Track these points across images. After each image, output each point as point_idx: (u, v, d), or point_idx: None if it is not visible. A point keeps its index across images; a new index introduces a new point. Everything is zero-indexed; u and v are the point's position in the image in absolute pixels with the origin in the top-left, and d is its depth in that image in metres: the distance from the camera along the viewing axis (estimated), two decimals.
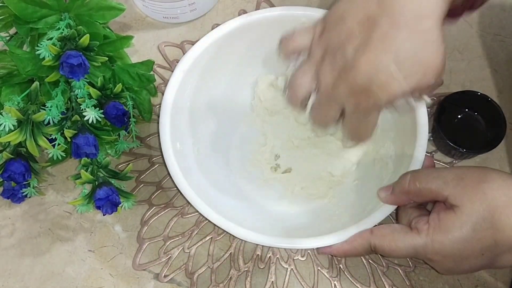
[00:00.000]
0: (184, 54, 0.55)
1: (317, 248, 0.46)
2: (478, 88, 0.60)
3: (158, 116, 0.51)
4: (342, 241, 0.45)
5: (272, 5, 0.66)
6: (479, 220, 0.39)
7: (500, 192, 0.40)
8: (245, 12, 0.66)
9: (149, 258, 0.54)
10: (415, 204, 0.46)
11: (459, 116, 0.60)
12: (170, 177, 0.49)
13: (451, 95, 0.58)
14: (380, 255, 0.43)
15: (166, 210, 0.57)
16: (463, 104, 0.59)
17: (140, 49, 0.64)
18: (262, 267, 0.54)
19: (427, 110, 0.50)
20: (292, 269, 0.54)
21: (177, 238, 0.55)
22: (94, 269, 0.54)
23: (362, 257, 0.53)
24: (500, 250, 0.40)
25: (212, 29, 0.56)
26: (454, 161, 0.58)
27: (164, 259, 0.54)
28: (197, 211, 0.48)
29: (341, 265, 0.54)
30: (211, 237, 0.55)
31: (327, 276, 0.53)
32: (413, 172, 0.45)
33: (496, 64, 0.64)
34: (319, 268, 0.54)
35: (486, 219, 0.39)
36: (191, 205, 0.48)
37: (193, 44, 0.54)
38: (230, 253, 0.55)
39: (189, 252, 0.55)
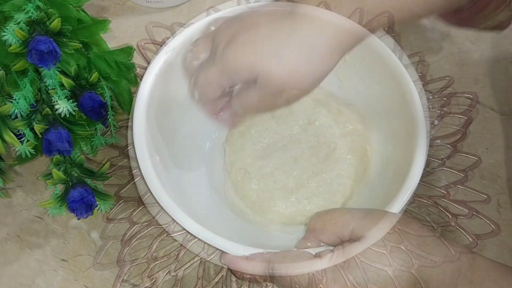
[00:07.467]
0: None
1: (221, 256, 0.44)
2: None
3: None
4: (243, 256, 0.42)
5: None
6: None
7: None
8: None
9: (131, 283, 0.50)
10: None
11: None
12: (150, 192, 0.45)
13: None
14: (275, 283, 0.42)
15: (150, 228, 0.51)
16: None
17: (119, 35, 0.60)
18: None
19: None
20: None
21: (163, 260, 0.51)
22: (67, 280, 0.50)
23: None
24: None
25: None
26: None
27: (148, 284, 0.49)
28: (184, 228, 0.44)
29: None
30: (201, 258, 0.51)
31: None
32: (318, 212, 0.45)
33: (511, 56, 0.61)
34: None
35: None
36: (176, 222, 0.44)
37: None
38: (222, 275, 0.50)
39: (176, 275, 0.50)
